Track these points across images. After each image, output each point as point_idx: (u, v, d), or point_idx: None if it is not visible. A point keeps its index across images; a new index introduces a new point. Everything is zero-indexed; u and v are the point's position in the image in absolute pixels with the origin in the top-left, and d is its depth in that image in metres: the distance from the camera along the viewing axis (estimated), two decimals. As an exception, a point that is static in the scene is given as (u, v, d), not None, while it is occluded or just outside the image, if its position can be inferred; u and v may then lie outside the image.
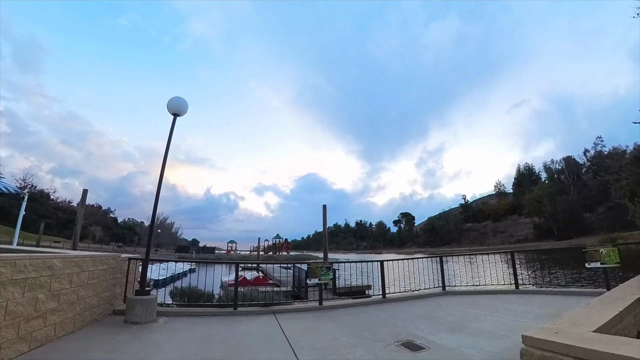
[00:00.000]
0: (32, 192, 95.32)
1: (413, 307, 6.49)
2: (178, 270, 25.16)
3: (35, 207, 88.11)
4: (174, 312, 5.90)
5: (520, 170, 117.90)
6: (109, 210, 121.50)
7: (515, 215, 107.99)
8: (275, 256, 69.43)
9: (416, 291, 7.67)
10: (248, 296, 6.59)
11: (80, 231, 14.36)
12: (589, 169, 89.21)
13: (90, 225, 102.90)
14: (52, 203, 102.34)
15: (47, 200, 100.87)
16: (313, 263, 6.23)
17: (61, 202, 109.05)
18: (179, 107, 6.88)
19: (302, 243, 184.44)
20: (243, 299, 6.49)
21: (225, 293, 6.78)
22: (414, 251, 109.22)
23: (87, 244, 78.74)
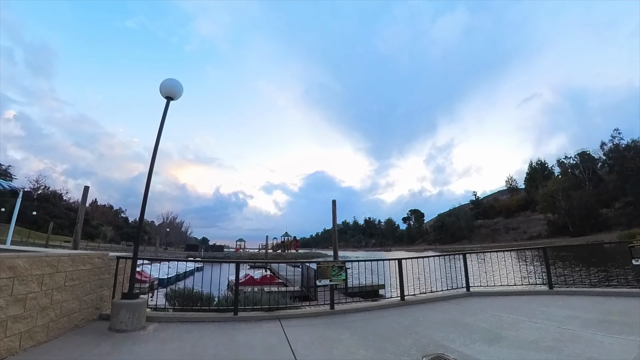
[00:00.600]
0: (44, 193, 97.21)
1: (436, 311, 5.70)
2: (184, 268, 24.73)
3: (48, 208, 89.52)
4: (167, 318, 5.23)
5: (533, 165, 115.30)
6: (120, 210, 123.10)
7: (527, 211, 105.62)
8: (284, 254, 69.03)
9: (437, 292, 6.87)
10: (251, 299, 5.90)
11: (81, 230, 13.86)
12: (605, 164, 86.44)
13: (101, 225, 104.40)
14: (65, 203, 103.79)
15: (59, 200, 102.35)
16: (323, 262, 5.56)
17: (73, 202, 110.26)
18: (173, 90, 6.20)
19: (310, 241, 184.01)
20: (246, 302, 5.80)
21: (225, 295, 6.09)
22: (424, 248, 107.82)
23: (97, 243, 79.70)
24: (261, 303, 5.60)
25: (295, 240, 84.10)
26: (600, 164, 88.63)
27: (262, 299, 5.75)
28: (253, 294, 5.87)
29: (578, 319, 5.00)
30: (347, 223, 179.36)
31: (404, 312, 5.62)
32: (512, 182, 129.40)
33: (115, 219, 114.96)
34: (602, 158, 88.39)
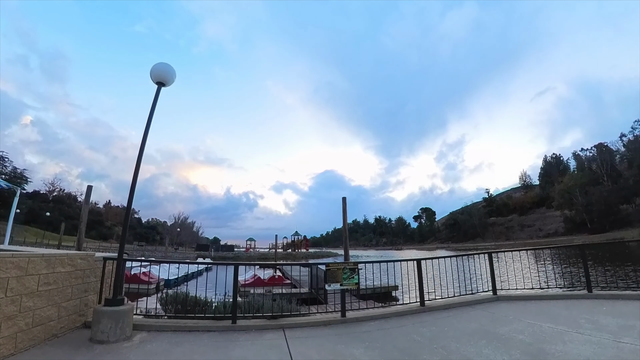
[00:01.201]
0: (60, 195, 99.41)
1: (463, 320, 4.98)
2: (192, 269, 24.40)
3: (63, 209, 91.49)
4: (158, 326, 4.65)
5: (547, 160, 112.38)
6: (133, 211, 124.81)
7: (543, 208, 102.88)
8: (294, 253, 68.75)
9: (460, 296, 6.14)
10: (254, 304, 5.29)
11: (84, 230, 13.52)
12: (624, 157, 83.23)
13: (115, 225, 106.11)
14: (79, 205, 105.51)
15: (74, 202, 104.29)
16: (333, 264, 4.90)
17: None
18: (165, 75, 5.64)
19: (321, 240, 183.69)
20: (248, 308, 5.20)
21: (224, 300, 5.48)
22: (436, 247, 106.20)
23: (110, 243, 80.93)
24: (263, 310, 4.97)
25: (305, 239, 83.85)
26: (618, 157, 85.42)
27: (264, 305, 5.12)
28: (254, 299, 5.24)
29: (634, 330, 4.23)
30: (357, 222, 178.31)
31: (426, 320, 4.91)
32: (526, 178, 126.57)
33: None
34: (620, 150, 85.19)
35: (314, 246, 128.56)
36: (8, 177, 73.71)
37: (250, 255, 62.65)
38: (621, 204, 72.78)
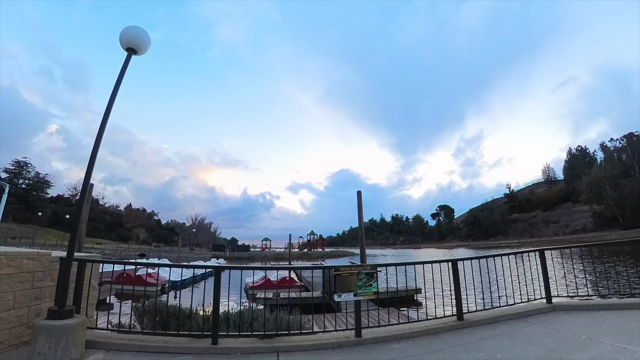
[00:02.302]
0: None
1: (519, 340, 3.74)
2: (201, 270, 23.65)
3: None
4: (121, 345, 3.65)
5: (572, 152, 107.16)
6: (152, 213, 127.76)
7: (568, 203, 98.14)
8: (310, 253, 67.96)
9: (507, 306, 4.87)
10: (247, 317, 4.22)
11: (85, 229, 12.85)
12: None
13: (135, 227, 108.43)
14: (101, 208, 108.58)
15: (95, 205, 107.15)
16: (344, 268, 3.78)
17: (109, 206, 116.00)
18: (136, 41, 4.66)
19: (337, 239, 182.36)
20: (238, 322, 4.13)
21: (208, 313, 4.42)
22: (455, 245, 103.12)
23: (128, 244, 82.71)
24: (252, 328, 3.87)
25: (321, 238, 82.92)
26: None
27: (256, 319, 4.02)
28: (240, 314, 4.10)
29: None
30: (374, 221, 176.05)
31: (468, 342, 3.70)
32: (550, 172, 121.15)
33: (149, 221, 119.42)
34: None
35: (330, 245, 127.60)
36: (32, 181, 76.25)
37: (265, 255, 62.21)
38: (657, 197, 68.19)
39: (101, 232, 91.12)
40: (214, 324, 3.59)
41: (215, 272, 3.73)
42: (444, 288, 5.21)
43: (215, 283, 3.68)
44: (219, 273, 3.75)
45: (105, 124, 4.30)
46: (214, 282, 3.71)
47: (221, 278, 3.82)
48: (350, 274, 3.70)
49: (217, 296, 3.65)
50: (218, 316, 3.64)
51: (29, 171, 75.48)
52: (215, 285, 3.68)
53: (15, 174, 71.90)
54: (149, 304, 4.72)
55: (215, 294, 3.65)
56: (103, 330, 4.16)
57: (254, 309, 4.65)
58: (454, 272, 4.37)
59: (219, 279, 3.70)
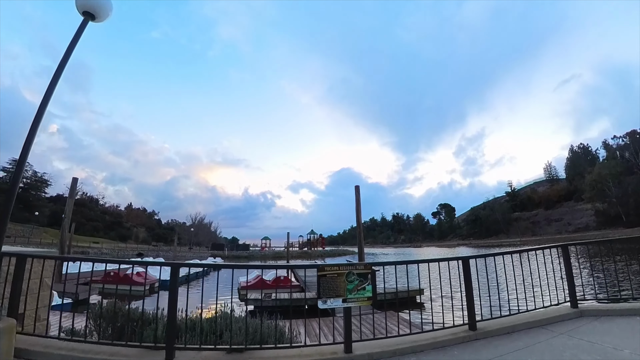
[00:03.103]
0: (82, 198, 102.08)
1: (545, 356, 3.05)
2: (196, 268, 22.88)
3: (85, 212, 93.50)
4: (58, 356, 2.99)
5: (574, 150, 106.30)
6: (153, 212, 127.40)
7: (570, 201, 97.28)
8: (310, 252, 67.34)
9: (527, 312, 4.16)
10: (219, 324, 3.54)
11: (68, 226, 12.22)
12: None
13: (135, 227, 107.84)
14: (101, 207, 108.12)
15: (95, 205, 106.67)
16: (331, 268, 3.02)
17: (109, 206, 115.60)
18: (94, 4, 3.94)
19: (338, 238, 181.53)
20: (207, 332, 3.44)
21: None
22: (457, 244, 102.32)
23: (130, 244, 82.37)
24: (221, 339, 3.18)
25: (321, 238, 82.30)
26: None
27: (231, 326, 3.31)
28: (213, 321, 3.39)
29: None
30: (374, 220, 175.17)
31: (484, 359, 3.01)
32: (551, 170, 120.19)
33: (149, 221, 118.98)
34: None
35: (330, 244, 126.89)
36: (29, 180, 75.69)
37: (265, 254, 61.59)
38: (663, 195, 67.32)
39: (100, 232, 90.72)
40: (168, 334, 2.90)
41: (172, 271, 3.05)
42: (452, 289, 4.52)
43: (172, 283, 3.00)
44: (175, 271, 3.07)
45: (51, 91, 3.54)
46: (170, 282, 3.03)
47: (205, 279, 3.11)
48: (338, 274, 2.99)
49: (174, 301, 2.97)
50: (175, 326, 2.95)
51: (26, 170, 74.93)
52: (172, 286, 2.99)
53: (12, 173, 71.28)
54: (107, 306, 4.04)
55: (171, 299, 2.96)
56: (44, 338, 3.48)
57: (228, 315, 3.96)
58: (465, 272, 3.67)
59: (176, 279, 3.02)
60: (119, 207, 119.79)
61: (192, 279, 20.73)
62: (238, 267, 5.85)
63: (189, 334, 3.35)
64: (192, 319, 3.62)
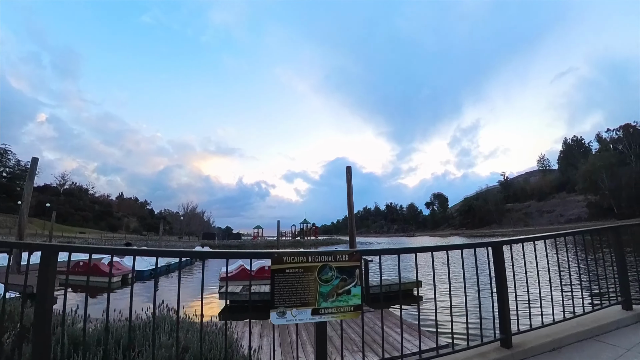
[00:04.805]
0: (71, 188, 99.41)
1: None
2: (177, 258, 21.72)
3: (73, 202, 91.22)
4: None
5: (568, 142, 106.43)
6: (145, 202, 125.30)
7: (563, 192, 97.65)
8: (303, 241, 66.59)
9: (574, 318, 3.09)
10: (143, 334, 2.40)
11: (27, 210, 10.92)
12: None
13: (126, 216, 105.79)
14: (90, 197, 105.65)
15: (85, 195, 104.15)
16: (292, 258, 1.85)
17: (100, 196, 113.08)
18: None
19: (332, 228, 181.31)
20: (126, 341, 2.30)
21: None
22: (449, 233, 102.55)
23: (121, 234, 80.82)
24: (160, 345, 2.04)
25: (314, 227, 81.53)
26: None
27: (145, 341, 2.18)
28: (93, 329, 2.23)
29: None
30: (368, 209, 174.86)
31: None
32: (544, 161, 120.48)
33: (140, 210, 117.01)
34: None
35: (324, 234, 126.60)
36: (12, 169, 73.13)
37: (257, 243, 60.66)
38: (655, 188, 67.52)
39: (89, 222, 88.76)
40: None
41: (43, 258, 1.88)
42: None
43: (41, 277, 1.83)
44: (47, 257, 1.89)
45: None
46: (39, 276, 1.86)
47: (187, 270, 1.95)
48: (305, 269, 1.87)
49: (46, 310, 1.80)
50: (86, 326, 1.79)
51: (9, 159, 72.40)
52: (41, 284, 1.82)
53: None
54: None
55: (39, 310, 1.79)
56: None
57: (170, 319, 2.84)
58: (496, 264, 2.55)
59: (48, 269, 1.85)
60: (110, 197, 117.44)
61: (173, 269, 19.56)
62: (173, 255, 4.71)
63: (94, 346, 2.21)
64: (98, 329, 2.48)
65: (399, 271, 2.42)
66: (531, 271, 3.32)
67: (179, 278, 2.02)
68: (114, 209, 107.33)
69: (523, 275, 3.08)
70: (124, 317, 3.09)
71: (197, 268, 22.64)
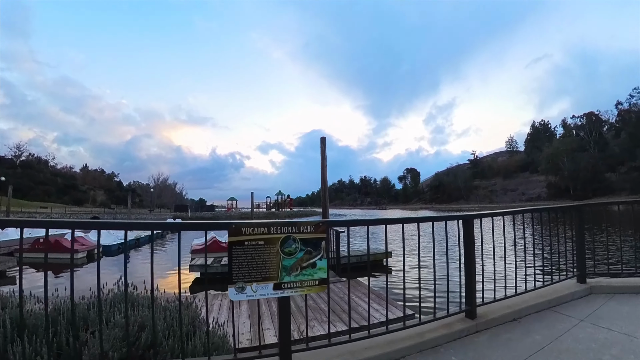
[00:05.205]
0: (28, 160, 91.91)
1: (577, 356, 2.05)
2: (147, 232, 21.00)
3: (33, 175, 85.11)
4: None
5: (535, 125, 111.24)
6: (113, 174, 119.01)
7: (527, 173, 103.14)
8: (277, 213, 66.61)
9: (536, 290, 3.18)
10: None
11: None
12: (612, 127, 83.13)
13: (91, 189, 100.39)
14: (51, 170, 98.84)
15: (45, 167, 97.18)
16: (252, 229, 1.70)
17: (62, 168, 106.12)
18: None
19: (307, 200, 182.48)
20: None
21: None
22: (420, 207, 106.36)
23: (87, 207, 76.91)
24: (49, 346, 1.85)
25: (289, 198, 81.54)
26: (607, 126, 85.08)
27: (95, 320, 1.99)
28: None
29: None
30: (343, 182, 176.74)
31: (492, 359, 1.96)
32: (513, 142, 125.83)
33: (108, 183, 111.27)
34: (610, 120, 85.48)
35: (299, 206, 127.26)
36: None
37: (231, 215, 60.01)
38: (606, 172, 72.62)
39: (52, 196, 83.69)
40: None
41: None
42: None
43: None
44: None
45: None
46: None
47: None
48: (265, 241, 1.72)
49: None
50: None
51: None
52: None
53: None
54: None
55: None
56: None
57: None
58: (466, 238, 2.54)
59: None
60: (74, 168, 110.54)
61: (143, 243, 19.01)
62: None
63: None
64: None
65: (368, 242, 2.33)
66: (496, 245, 3.40)
67: (152, 252, 1.80)
68: (79, 181, 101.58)
69: (490, 249, 3.12)
70: (90, 295, 2.86)
71: (168, 242, 22.14)
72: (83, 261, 13.45)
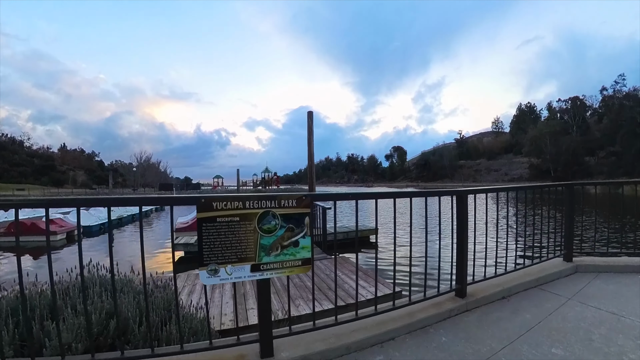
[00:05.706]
0: (2, 140, 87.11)
1: (567, 335, 2.00)
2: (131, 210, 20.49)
3: (7, 156, 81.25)
4: None
5: (522, 108, 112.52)
6: (93, 154, 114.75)
7: (510, 154, 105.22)
8: (264, 190, 66.37)
9: (524, 268, 3.15)
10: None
11: None
12: (596, 112, 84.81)
13: (71, 169, 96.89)
14: (27, 150, 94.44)
15: (20, 148, 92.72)
16: (226, 203, 1.51)
17: (38, 148, 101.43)
18: None
19: (294, 177, 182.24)
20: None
21: None
22: (406, 185, 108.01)
23: (67, 189, 74.58)
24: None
25: (275, 176, 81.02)
26: (590, 112, 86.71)
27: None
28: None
29: None
30: (330, 159, 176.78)
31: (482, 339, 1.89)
32: (498, 123, 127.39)
33: (88, 162, 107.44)
34: (593, 106, 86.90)
35: (287, 183, 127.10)
36: None
37: (217, 193, 59.53)
38: (586, 156, 74.68)
39: (29, 177, 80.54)
40: None
41: None
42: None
43: None
44: None
45: None
46: None
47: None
48: (241, 217, 1.54)
49: None
50: None
51: None
52: None
53: None
54: None
55: None
56: None
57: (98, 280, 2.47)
58: (459, 215, 2.41)
59: None
60: (51, 149, 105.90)
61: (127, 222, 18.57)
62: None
63: None
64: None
65: (357, 217, 2.17)
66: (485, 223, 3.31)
67: (141, 230, 1.57)
68: (57, 162, 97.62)
69: (482, 226, 3.04)
70: (66, 278, 2.65)
71: (152, 221, 21.77)
72: (62, 243, 13.01)
